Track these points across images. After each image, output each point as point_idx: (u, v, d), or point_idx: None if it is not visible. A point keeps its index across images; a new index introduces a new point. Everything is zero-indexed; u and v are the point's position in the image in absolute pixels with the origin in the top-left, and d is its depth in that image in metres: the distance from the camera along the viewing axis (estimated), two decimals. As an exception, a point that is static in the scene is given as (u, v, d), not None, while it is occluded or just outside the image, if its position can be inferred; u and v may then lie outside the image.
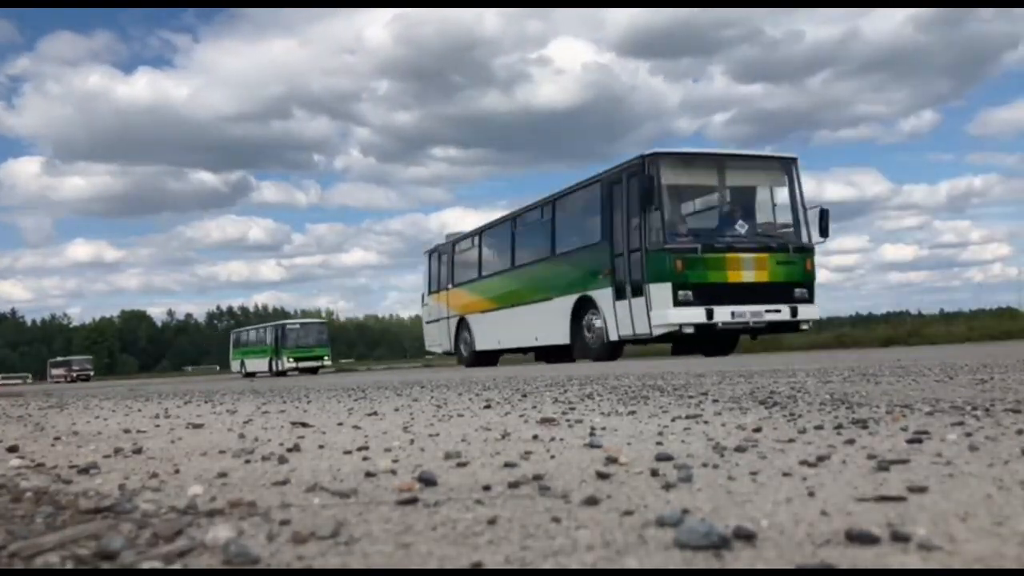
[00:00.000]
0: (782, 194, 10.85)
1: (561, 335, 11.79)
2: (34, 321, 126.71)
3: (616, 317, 10.60)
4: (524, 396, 3.91)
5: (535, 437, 2.04)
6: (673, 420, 2.33)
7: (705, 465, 1.46)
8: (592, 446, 1.80)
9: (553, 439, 1.98)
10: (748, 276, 10.06)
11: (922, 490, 1.13)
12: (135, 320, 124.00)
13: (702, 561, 0.85)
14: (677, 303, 9.70)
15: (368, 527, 1.07)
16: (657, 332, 10.12)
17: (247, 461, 1.83)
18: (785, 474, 1.33)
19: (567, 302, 11.57)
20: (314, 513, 1.18)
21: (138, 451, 2.16)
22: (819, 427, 1.94)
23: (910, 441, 1.63)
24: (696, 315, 9.77)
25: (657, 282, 9.83)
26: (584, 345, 11.42)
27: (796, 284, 10.42)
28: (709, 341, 11.16)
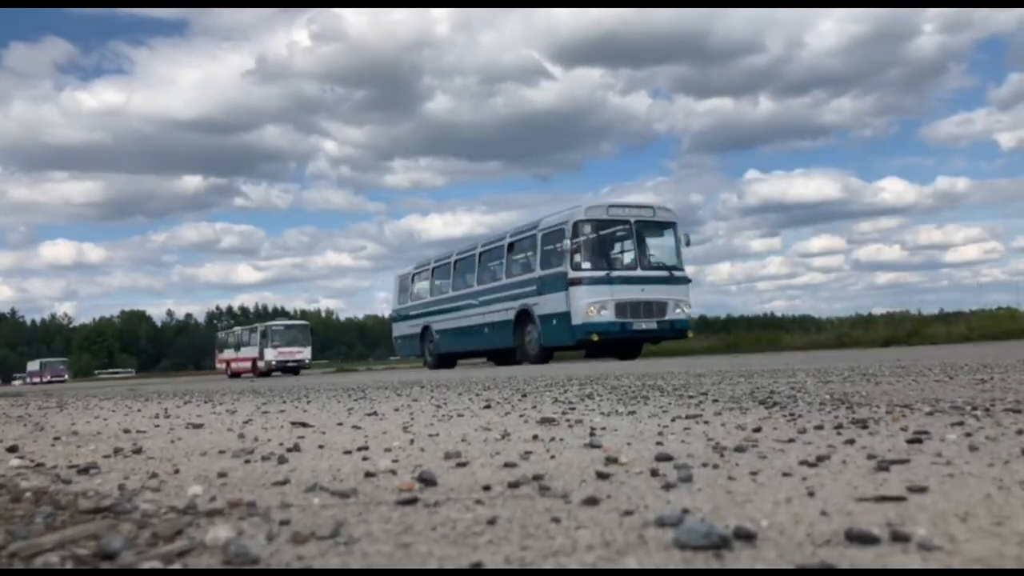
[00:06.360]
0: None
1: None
2: (33, 321, 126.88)
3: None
4: (524, 396, 3.91)
5: (535, 437, 2.04)
6: (673, 420, 2.33)
7: (705, 465, 1.45)
8: (592, 446, 1.80)
9: (553, 439, 1.98)
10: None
11: (922, 490, 1.13)
12: (135, 320, 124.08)
13: (702, 561, 0.85)
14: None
15: (368, 527, 1.07)
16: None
17: (247, 461, 1.83)
18: (785, 474, 1.33)
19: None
20: (314, 513, 1.18)
21: (138, 451, 2.16)
22: (819, 427, 1.94)
23: (910, 441, 1.63)
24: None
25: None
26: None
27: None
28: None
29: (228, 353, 34.79)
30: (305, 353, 32.01)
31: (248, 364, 32.21)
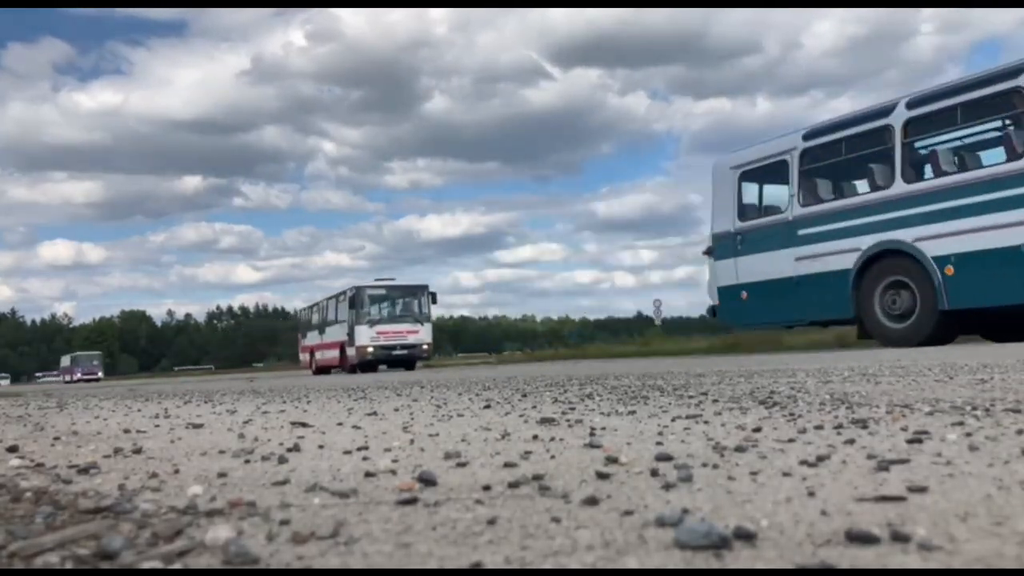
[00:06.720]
0: None
1: None
2: (33, 321, 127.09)
3: None
4: (524, 396, 3.91)
5: (535, 437, 2.04)
6: (673, 420, 2.33)
7: (705, 465, 1.45)
8: (592, 446, 1.80)
9: (553, 439, 1.98)
10: None
11: (922, 490, 1.13)
12: (135, 320, 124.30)
13: (702, 561, 0.85)
14: None
15: (368, 527, 1.07)
16: None
17: (247, 461, 1.83)
18: (785, 474, 1.33)
19: None
20: (314, 513, 1.18)
21: (138, 451, 2.16)
22: (819, 427, 1.94)
23: (910, 441, 1.63)
24: None
25: None
26: None
27: None
28: None
29: (311, 338, 24.22)
30: (422, 334, 20.65)
31: (336, 353, 21.71)
